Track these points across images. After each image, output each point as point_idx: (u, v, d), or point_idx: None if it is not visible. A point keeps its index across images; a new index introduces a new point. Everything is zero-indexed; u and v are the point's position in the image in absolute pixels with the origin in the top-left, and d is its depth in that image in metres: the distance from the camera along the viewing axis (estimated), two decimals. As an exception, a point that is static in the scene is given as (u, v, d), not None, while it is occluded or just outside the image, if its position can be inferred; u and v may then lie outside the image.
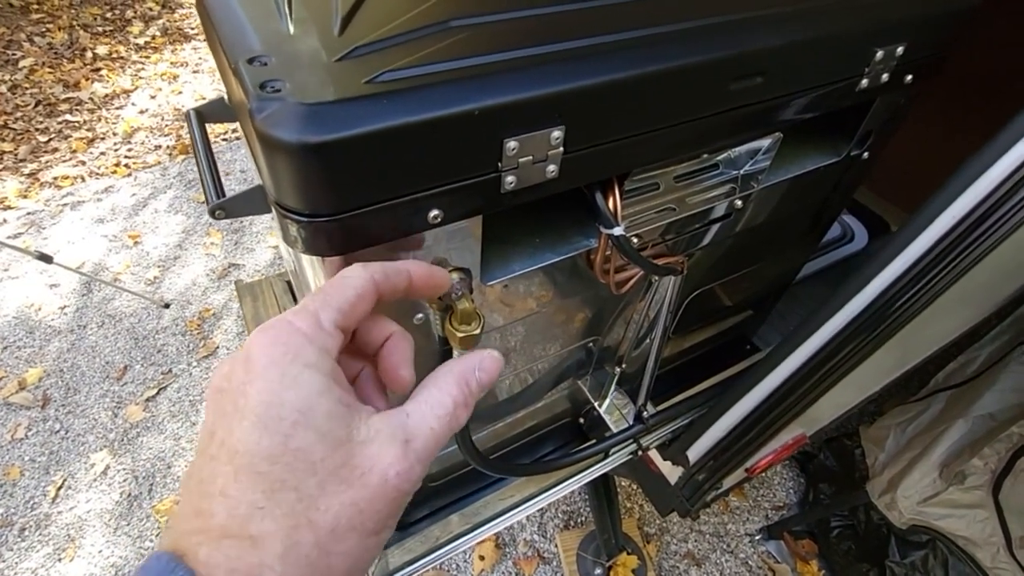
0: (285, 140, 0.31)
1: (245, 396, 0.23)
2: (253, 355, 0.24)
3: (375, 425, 0.25)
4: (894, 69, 0.57)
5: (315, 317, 0.26)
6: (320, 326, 0.26)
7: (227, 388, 0.24)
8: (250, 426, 0.23)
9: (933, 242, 0.58)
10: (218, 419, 0.24)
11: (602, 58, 0.40)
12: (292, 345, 0.24)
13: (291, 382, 0.23)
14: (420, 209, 0.38)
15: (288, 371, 0.24)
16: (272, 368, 0.24)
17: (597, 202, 0.48)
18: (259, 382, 0.23)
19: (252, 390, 0.23)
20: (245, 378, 0.24)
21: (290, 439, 0.22)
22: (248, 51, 0.37)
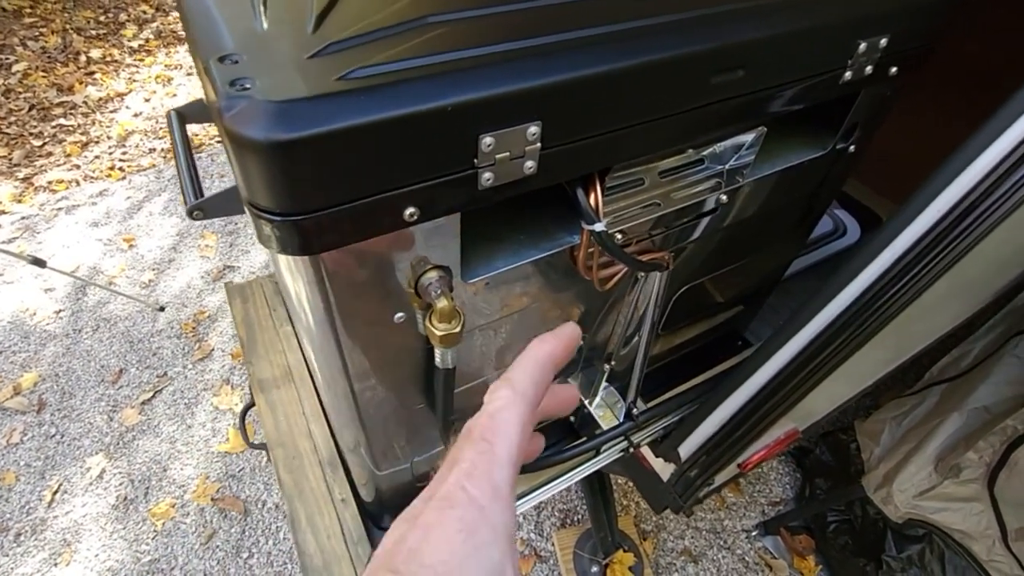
0: (253, 138, 0.31)
1: (407, 563, 0.22)
2: (430, 524, 0.23)
3: None
4: (878, 61, 0.56)
5: (490, 483, 0.24)
6: (497, 494, 0.23)
7: (391, 548, 0.23)
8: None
9: (920, 234, 0.58)
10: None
11: (578, 53, 0.39)
12: (467, 522, 0.23)
13: (458, 566, 0.21)
14: (396, 207, 0.38)
15: (458, 552, 0.22)
16: (444, 546, 0.22)
17: (578, 198, 0.47)
18: (427, 555, 0.22)
19: (416, 561, 0.22)
20: (415, 546, 0.22)
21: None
22: (219, 49, 0.36)
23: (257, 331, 0.96)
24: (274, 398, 0.89)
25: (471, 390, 0.67)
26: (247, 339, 0.96)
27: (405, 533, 0.23)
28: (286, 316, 0.98)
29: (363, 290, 0.44)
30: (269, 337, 0.95)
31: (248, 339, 0.95)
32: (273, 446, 0.85)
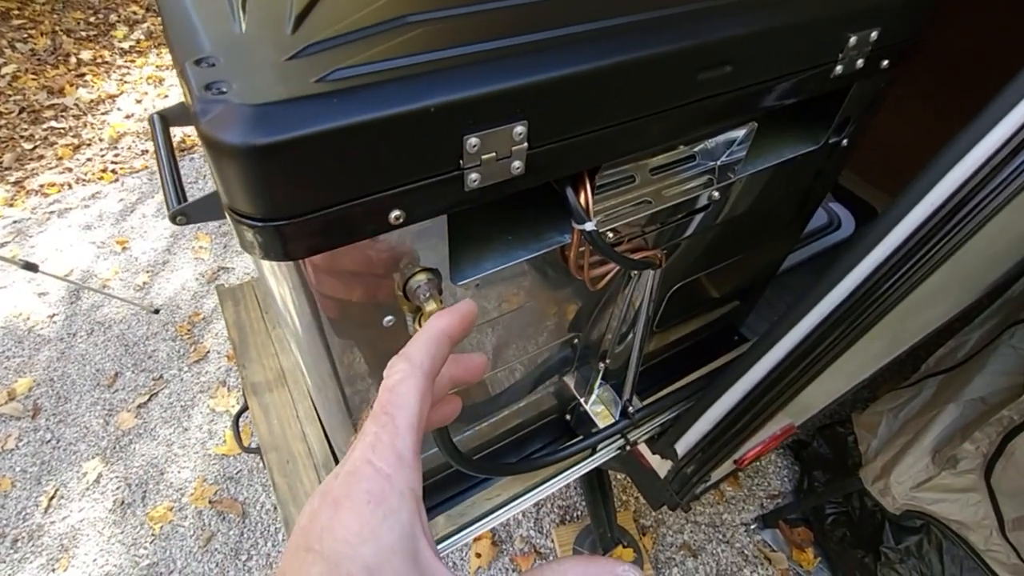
0: (230, 143, 0.30)
1: (322, 541, 0.22)
2: (339, 498, 0.23)
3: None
4: (869, 55, 0.56)
5: (394, 451, 0.24)
6: (401, 462, 0.24)
7: (306, 526, 0.23)
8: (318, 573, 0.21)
9: (915, 227, 0.58)
10: (291, 559, 0.22)
11: (563, 50, 0.39)
12: (374, 492, 0.23)
13: (369, 535, 0.22)
14: (380, 210, 0.37)
15: (368, 524, 0.22)
16: (353, 518, 0.22)
17: (568, 198, 0.47)
18: (339, 529, 0.22)
19: (329, 537, 0.22)
20: (326, 522, 0.23)
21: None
22: (196, 52, 0.35)
23: (249, 334, 0.95)
24: (267, 401, 0.89)
25: (465, 391, 0.66)
26: (239, 342, 0.95)
27: (317, 510, 0.23)
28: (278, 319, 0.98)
29: (350, 294, 0.44)
30: (261, 340, 0.95)
31: (240, 342, 0.95)
32: (267, 450, 0.84)
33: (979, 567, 1.16)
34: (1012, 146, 0.49)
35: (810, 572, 1.45)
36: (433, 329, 0.29)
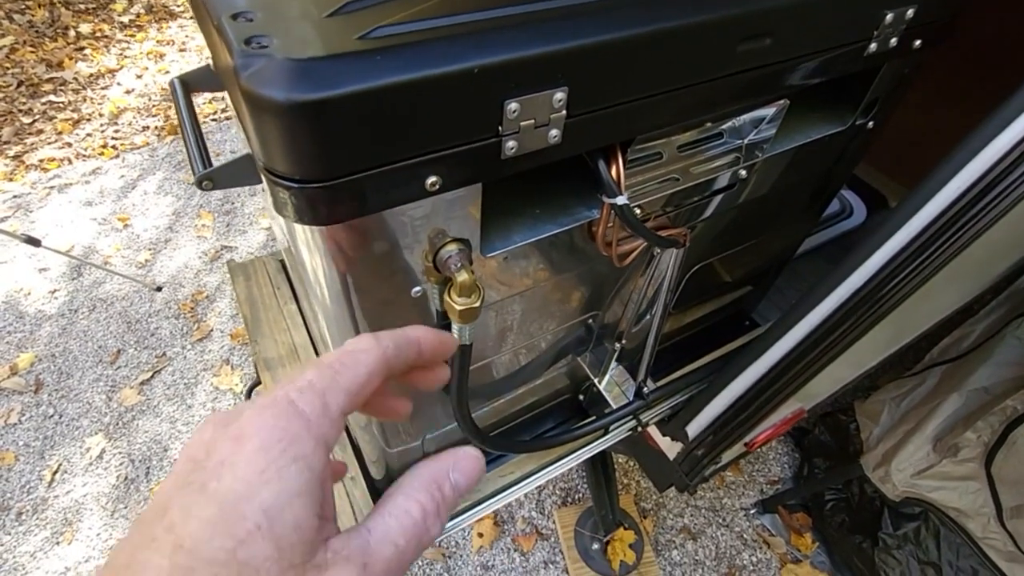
0: (273, 99, 0.29)
1: (219, 478, 0.20)
2: (246, 432, 0.21)
3: (333, 546, 0.21)
4: (903, 33, 0.55)
5: (322, 400, 0.23)
6: (326, 411, 0.23)
7: (201, 461, 0.21)
8: (209, 518, 0.19)
9: (932, 218, 0.57)
10: (178, 493, 0.20)
11: (607, 15, 0.38)
12: (290, 431, 0.21)
13: (274, 475, 0.20)
14: (417, 175, 0.37)
15: (276, 461, 0.20)
16: (260, 455, 0.20)
17: (600, 170, 0.46)
18: (241, 466, 0.20)
19: (229, 473, 0.20)
20: (227, 456, 0.20)
21: (241, 547, 0.19)
22: (232, 7, 0.35)
23: (261, 310, 0.95)
24: (280, 376, 0.89)
25: (483, 368, 0.66)
26: (251, 318, 0.94)
27: (214, 441, 0.21)
28: (290, 294, 0.97)
29: (381, 263, 0.43)
30: (273, 316, 0.94)
31: (252, 318, 0.94)
32: (279, 425, 0.84)
33: (975, 554, 1.18)
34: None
35: (808, 556, 1.47)
36: (412, 332, 0.29)
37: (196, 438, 0.22)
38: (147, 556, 0.19)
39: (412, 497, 0.24)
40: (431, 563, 1.44)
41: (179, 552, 0.19)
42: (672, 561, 1.47)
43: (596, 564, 1.41)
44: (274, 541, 0.19)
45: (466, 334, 0.49)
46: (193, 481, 0.20)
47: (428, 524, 0.24)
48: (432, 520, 0.24)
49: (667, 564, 1.46)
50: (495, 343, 0.64)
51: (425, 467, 0.25)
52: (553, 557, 1.46)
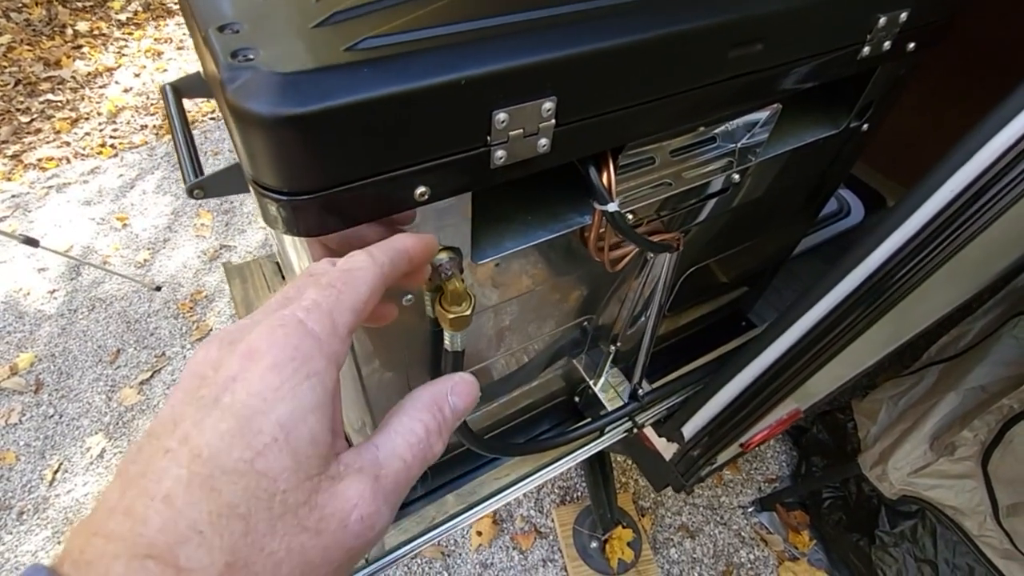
0: (259, 112, 0.29)
1: (232, 393, 0.20)
2: (258, 350, 0.21)
3: (344, 460, 0.22)
4: (897, 36, 0.55)
5: (331, 319, 0.23)
6: (335, 331, 0.23)
7: (210, 377, 0.21)
8: (226, 431, 0.20)
9: (930, 217, 0.57)
10: (188, 408, 0.21)
11: (596, 24, 0.38)
12: (302, 349, 0.22)
13: (289, 392, 0.21)
14: (406, 186, 0.37)
15: (290, 379, 0.21)
16: (274, 371, 0.21)
17: (591, 177, 0.46)
18: (255, 382, 0.21)
19: (242, 389, 0.20)
20: (238, 372, 0.21)
21: (259, 458, 0.20)
22: (219, 18, 0.34)
23: (257, 312, 0.95)
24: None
25: (477, 372, 0.66)
26: (247, 320, 0.94)
27: (222, 359, 0.22)
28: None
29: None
30: (270, 318, 0.94)
31: (248, 320, 0.94)
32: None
33: (971, 551, 1.18)
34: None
35: (805, 554, 1.48)
36: (400, 243, 0.30)
37: (201, 355, 0.23)
38: (163, 465, 0.19)
39: (416, 417, 0.25)
40: (430, 561, 1.45)
41: (196, 461, 0.19)
42: (670, 559, 1.47)
43: (594, 562, 1.42)
44: (291, 454, 0.20)
45: (458, 341, 0.49)
46: (204, 396, 0.21)
47: (431, 442, 0.25)
48: (435, 438, 0.25)
49: (665, 562, 1.47)
50: (489, 347, 0.64)
51: (425, 390, 0.27)
52: (552, 555, 1.47)
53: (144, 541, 0.18)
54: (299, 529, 0.20)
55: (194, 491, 0.19)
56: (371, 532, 0.22)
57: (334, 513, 0.21)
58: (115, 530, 0.18)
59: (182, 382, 0.22)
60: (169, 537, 0.18)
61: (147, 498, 0.19)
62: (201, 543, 0.18)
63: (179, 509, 0.18)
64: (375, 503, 0.22)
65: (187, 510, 0.18)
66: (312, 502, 0.20)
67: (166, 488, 0.19)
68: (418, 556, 1.45)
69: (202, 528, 0.18)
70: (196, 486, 0.19)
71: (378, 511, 0.22)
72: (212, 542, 0.18)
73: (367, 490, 0.22)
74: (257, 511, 0.19)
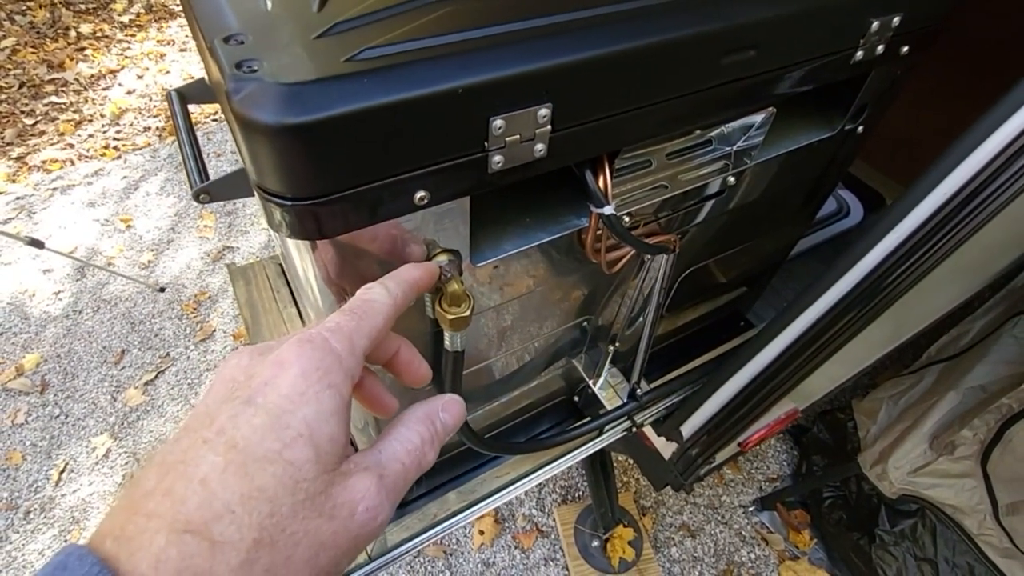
0: (264, 122, 0.30)
1: (265, 395, 0.23)
2: (288, 360, 0.25)
3: (354, 459, 0.25)
4: (890, 40, 0.56)
5: (350, 341, 0.27)
6: (353, 351, 0.27)
7: (243, 381, 0.25)
8: (259, 425, 0.22)
9: (926, 217, 0.58)
10: (224, 405, 0.24)
11: (590, 32, 0.39)
12: (325, 363, 0.25)
13: (312, 398, 0.24)
14: (406, 191, 0.38)
15: (315, 385, 0.24)
16: (301, 379, 0.24)
17: (587, 181, 0.47)
18: (284, 386, 0.24)
19: (273, 391, 0.24)
20: (270, 378, 0.24)
21: (287, 449, 0.22)
22: (224, 29, 0.35)
23: (261, 313, 0.96)
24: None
25: (478, 371, 0.67)
26: (251, 321, 0.96)
27: (254, 367, 0.25)
28: (290, 298, 0.98)
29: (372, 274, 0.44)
30: (273, 319, 0.95)
31: (252, 321, 0.96)
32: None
33: (971, 550, 1.19)
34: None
35: (806, 553, 1.48)
36: (410, 274, 0.35)
37: (232, 363, 0.26)
38: (201, 453, 0.22)
39: (412, 428, 0.29)
40: (433, 560, 1.46)
41: (232, 451, 0.22)
42: (671, 558, 1.48)
43: (596, 561, 1.43)
44: (314, 448, 0.23)
45: (457, 341, 0.50)
46: (238, 396, 0.24)
47: (425, 450, 0.28)
48: (428, 447, 0.29)
49: (666, 561, 1.47)
50: (489, 347, 0.65)
51: (420, 407, 0.30)
52: (553, 554, 1.48)
53: (182, 518, 0.20)
54: (316, 514, 0.23)
55: (229, 475, 0.21)
56: (374, 522, 0.24)
57: (345, 503, 0.24)
58: (155, 509, 0.20)
59: (216, 385, 0.25)
60: (205, 514, 0.20)
61: (186, 480, 0.21)
62: (232, 520, 0.21)
63: (214, 491, 0.21)
64: (379, 497, 0.25)
65: (221, 491, 0.21)
66: (328, 492, 0.23)
67: (203, 472, 0.21)
68: (421, 555, 1.46)
69: (234, 508, 0.21)
70: (231, 471, 0.21)
71: (381, 504, 0.25)
72: (242, 520, 0.21)
73: (372, 485, 0.25)
74: (282, 495, 0.22)
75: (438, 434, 0.30)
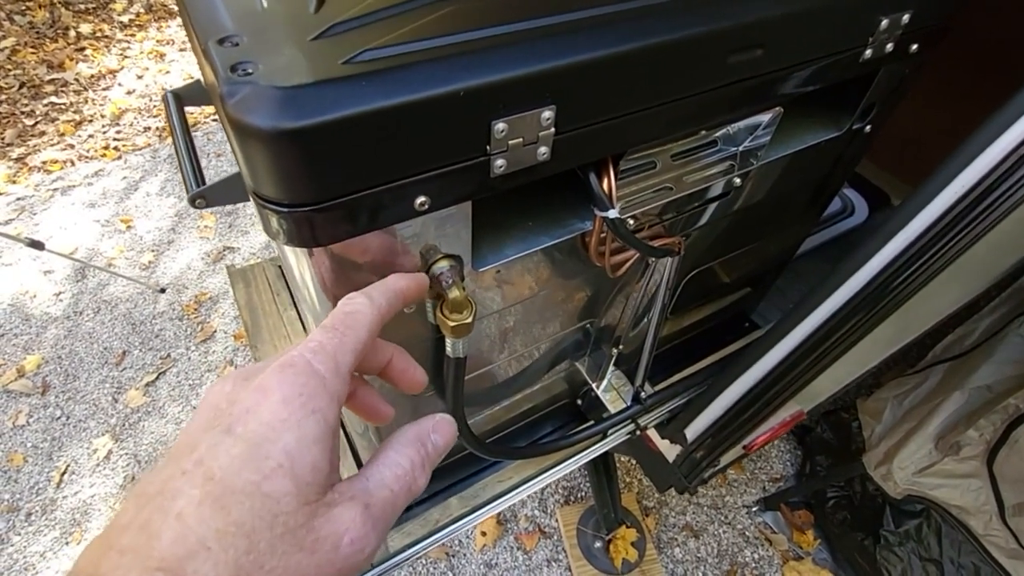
0: (258, 126, 0.29)
1: (245, 424, 0.22)
2: (269, 386, 0.24)
3: (339, 488, 0.24)
4: (899, 38, 0.54)
5: (334, 360, 0.26)
6: (337, 371, 0.26)
7: (225, 409, 0.24)
8: (237, 455, 0.21)
9: (935, 218, 0.57)
10: (205, 434, 0.23)
11: (593, 32, 0.38)
12: (308, 387, 0.24)
13: (295, 424, 0.23)
14: (406, 196, 0.37)
15: (296, 412, 0.23)
16: (282, 406, 0.23)
17: (591, 184, 0.46)
18: (265, 414, 0.23)
19: (254, 419, 0.23)
20: (252, 405, 0.23)
21: (265, 481, 0.21)
22: (218, 31, 0.35)
23: (261, 316, 0.95)
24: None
25: (480, 376, 0.67)
26: (251, 324, 0.95)
27: (235, 393, 0.24)
28: (290, 300, 0.98)
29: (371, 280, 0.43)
30: (273, 322, 0.95)
31: (252, 324, 0.95)
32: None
33: (977, 551, 1.18)
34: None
35: (810, 553, 1.48)
36: (396, 284, 0.33)
37: (217, 389, 0.25)
38: (178, 485, 0.21)
39: (402, 452, 0.27)
40: (435, 562, 1.45)
41: (209, 483, 0.21)
42: (674, 559, 1.47)
43: (599, 562, 1.42)
44: (294, 479, 0.22)
45: (460, 348, 0.49)
46: (219, 424, 0.23)
47: (416, 475, 0.27)
48: (419, 471, 0.27)
49: (669, 561, 1.47)
50: (492, 352, 0.64)
51: (410, 428, 0.29)
52: (556, 555, 1.47)
53: (156, 555, 0.19)
54: (296, 548, 0.21)
55: (205, 509, 0.20)
56: (360, 555, 0.23)
57: (328, 536, 0.22)
58: (128, 544, 0.19)
59: (200, 412, 0.25)
60: (179, 550, 0.19)
61: (162, 514, 0.20)
62: (208, 558, 0.19)
63: (190, 525, 0.20)
64: (364, 528, 0.23)
65: (197, 527, 0.20)
66: (309, 525, 0.22)
67: (179, 506, 0.20)
68: (423, 556, 1.45)
69: (210, 544, 0.20)
70: (207, 505, 0.20)
71: (367, 535, 0.24)
72: (218, 557, 0.20)
73: (358, 516, 0.23)
74: (260, 530, 0.21)
75: (429, 456, 0.28)
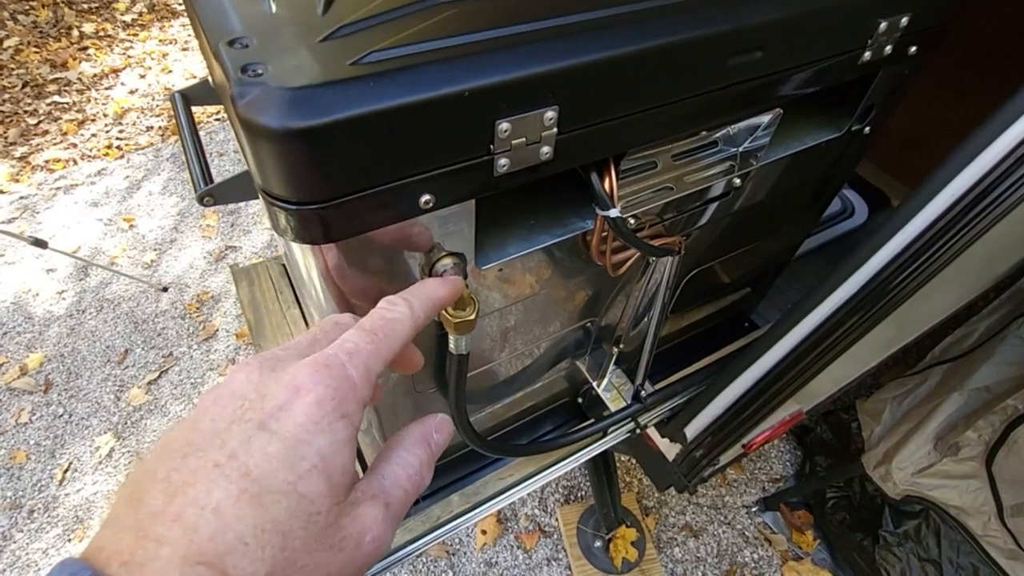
0: (268, 126, 0.30)
1: (279, 421, 0.23)
2: (303, 384, 0.24)
3: (360, 487, 0.25)
4: (898, 40, 0.55)
5: (366, 368, 0.26)
6: (367, 377, 0.26)
7: (255, 400, 0.24)
8: (274, 453, 0.22)
9: (934, 219, 0.57)
10: (234, 426, 0.23)
11: (596, 34, 0.38)
12: (341, 391, 0.25)
13: (328, 427, 0.23)
14: (411, 194, 0.38)
15: (329, 415, 0.24)
16: (316, 408, 0.23)
17: (593, 183, 0.47)
18: (299, 415, 0.23)
19: (288, 418, 0.23)
20: (284, 402, 0.23)
21: (301, 481, 0.22)
22: (228, 32, 0.35)
23: (264, 314, 0.96)
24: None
25: (481, 373, 0.67)
26: (255, 322, 0.96)
27: (268, 386, 0.24)
28: (293, 299, 0.98)
29: (376, 276, 0.44)
30: (276, 320, 0.95)
31: (256, 322, 0.96)
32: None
33: (975, 551, 1.18)
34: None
35: (809, 554, 1.48)
36: (436, 293, 0.35)
37: (242, 377, 0.25)
38: (213, 478, 0.21)
39: (411, 451, 0.28)
40: (435, 560, 1.46)
41: (246, 479, 0.21)
42: (674, 558, 1.48)
43: (598, 561, 1.43)
44: (327, 480, 0.23)
45: (462, 344, 0.50)
46: (250, 419, 0.23)
47: (424, 473, 0.28)
48: (426, 470, 0.29)
49: (669, 561, 1.47)
50: (493, 350, 0.65)
51: (415, 428, 0.30)
52: (556, 554, 1.48)
53: (196, 548, 0.19)
54: (325, 546, 0.22)
55: (243, 506, 0.21)
56: (378, 552, 0.24)
57: (352, 534, 0.23)
58: (166, 535, 0.20)
59: (223, 399, 0.24)
60: (218, 546, 0.20)
61: (198, 507, 0.20)
62: (246, 553, 0.20)
63: (228, 522, 0.20)
64: (384, 526, 0.25)
65: (235, 523, 0.20)
66: (338, 524, 0.23)
67: (216, 500, 0.20)
68: (423, 555, 1.46)
69: (248, 540, 0.20)
70: (245, 501, 0.21)
71: (385, 533, 0.25)
72: (256, 553, 0.20)
73: (380, 515, 0.25)
74: (295, 528, 0.21)
75: (432, 455, 0.29)
